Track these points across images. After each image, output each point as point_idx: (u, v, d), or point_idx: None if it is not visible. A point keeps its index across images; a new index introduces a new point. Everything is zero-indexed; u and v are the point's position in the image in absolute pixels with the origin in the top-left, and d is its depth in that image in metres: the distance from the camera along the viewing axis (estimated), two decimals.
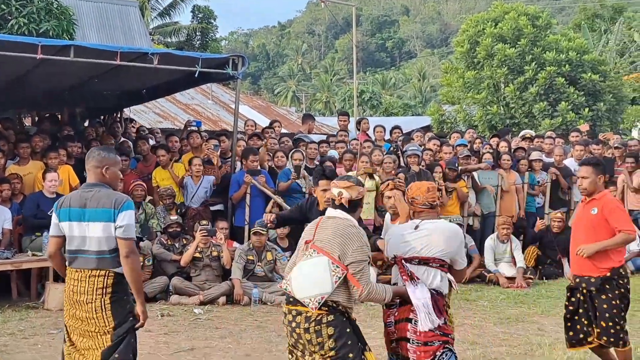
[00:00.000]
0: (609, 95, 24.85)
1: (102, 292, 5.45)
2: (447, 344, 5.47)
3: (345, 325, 5.28)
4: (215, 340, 8.85)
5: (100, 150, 5.75)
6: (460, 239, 5.65)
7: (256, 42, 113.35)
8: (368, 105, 55.68)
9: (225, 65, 12.16)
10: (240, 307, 10.77)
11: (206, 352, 8.34)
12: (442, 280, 5.55)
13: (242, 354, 8.21)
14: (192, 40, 39.59)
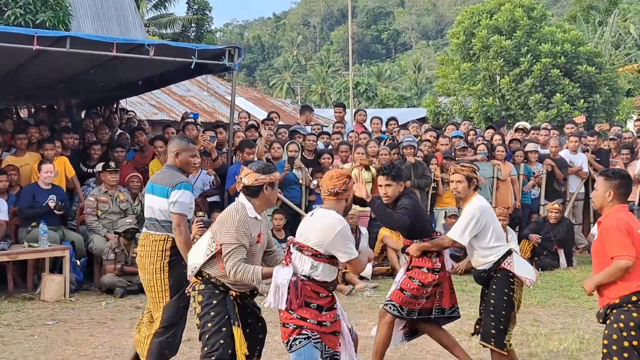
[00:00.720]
0: (605, 87, 24.85)
1: (162, 255, 6.58)
2: (302, 329, 5.58)
3: (214, 297, 5.76)
4: None
5: (177, 137, 6.90)
6: (336, 233, 5.58)
7: (251, 34, 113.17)
8: (364, 97, 55.65)
9: (221, 56, 12.14)
10: None
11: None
12: (316, 268, 5.63)
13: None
14: (187, 32, 39.50)
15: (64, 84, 14.82)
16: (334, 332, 5.76)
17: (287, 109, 31.26)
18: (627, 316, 5.60)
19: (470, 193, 6.89)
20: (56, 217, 11.58)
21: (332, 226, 5.61)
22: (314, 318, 5.63)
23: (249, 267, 5.63)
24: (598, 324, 8.97)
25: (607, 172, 6.11)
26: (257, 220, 5.89)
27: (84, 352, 7.97)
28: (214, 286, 5.79)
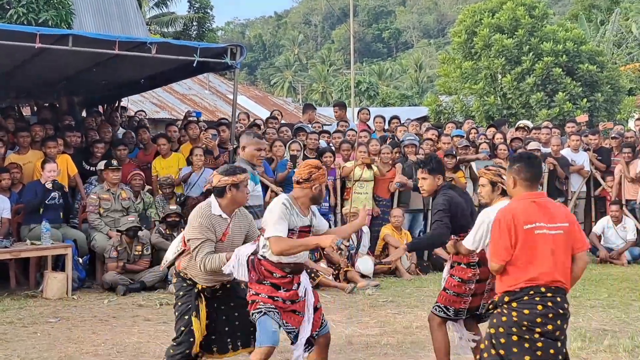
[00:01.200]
0: (607, 86, 24.87)
1: None
2: (256, 303, 5.95)
3: (182, 289, 6.38)
4: None
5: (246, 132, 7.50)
6: (270, 210, 5.99)
7: (252, 33, 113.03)
8: (365, 95, 55.67)
9: (223, 54, 12.14)
10: None
11: None
12: (267, 248, 5.95)
13: None
14: (188, 30, 39.52)
15: (66, 82, 14.83)
16: (293, 310, 6.02)
17: (288, 108, 31.26)
18: (498, 320, 5.37)
19: (495, 197, 6.54)
20: (59, 216, 11.59)
21: (273, 204, 6.05)
22: (266, 293, 5.96)
23: (215, 256, 6.08)
24: (600, 322, 9.03)
25: (511, 158, 6.02)
26: (222, 219, 6.24)
27: (86, 350, 7.97)
28: (183, 279, 6.38)
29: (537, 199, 5.44)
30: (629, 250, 13.84)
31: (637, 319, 9.40)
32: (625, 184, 14.48)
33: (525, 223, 5.27)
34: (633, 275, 12.59)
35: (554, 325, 5.20)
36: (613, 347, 7.98)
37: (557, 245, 5.29)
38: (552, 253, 5.26)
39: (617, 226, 13.97)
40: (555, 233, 5.30)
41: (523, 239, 5.26)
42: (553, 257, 5.26)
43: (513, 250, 5.28)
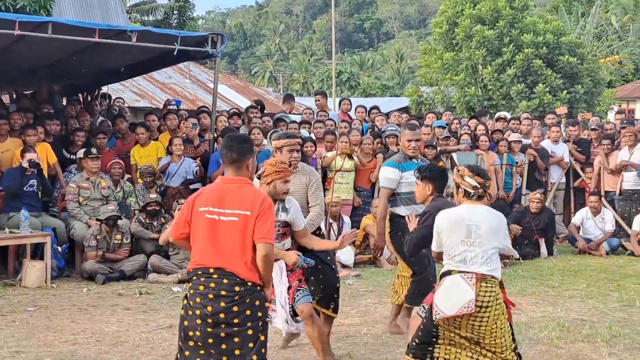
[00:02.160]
0: (586, 78, 24.96)
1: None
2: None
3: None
4: None
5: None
6: None
7: (233, 22, 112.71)
8: (346, 86, 55.66)
9: (203, 43, 12.10)
10: None
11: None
12: None
13: None
14: (169, 19, 39.26)
15: (46, 70, 14.73)
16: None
17: (269, 97, 31.23)
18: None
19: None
20: (38, 204, 11.53)
21: None
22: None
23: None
24: (578, 312, 9.10)
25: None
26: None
27: (65, 338, 7.94)
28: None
29: (227, 183, 5.31)
30: (607, 241, 13.90)
31: (614, 309, 9.46)
32: (605, 176, 14.55)
33: (201, 205, 5.22)
34: (611, 266, 12.67)
35: (213, 307, 5.06)
36: (591, 336, 8.04)
37: (230, 231, 5.15)
38: (221, 239, 5.15)
39: (596, 217, 14.04)
40: (229, 219, 5.15)
41: (195, 221, 5.23)
42: (221, 243, 5.15)
43: (184, 229, 5.25)
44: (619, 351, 7.57)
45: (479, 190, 5.87)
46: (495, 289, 5.62)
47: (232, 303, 5.04)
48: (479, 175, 5.90)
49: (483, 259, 5.64)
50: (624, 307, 9.59)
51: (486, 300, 5.55)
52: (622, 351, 7.58)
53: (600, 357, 7.41)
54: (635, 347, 7.71)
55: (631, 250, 13.62)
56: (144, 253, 11.43)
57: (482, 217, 5.78)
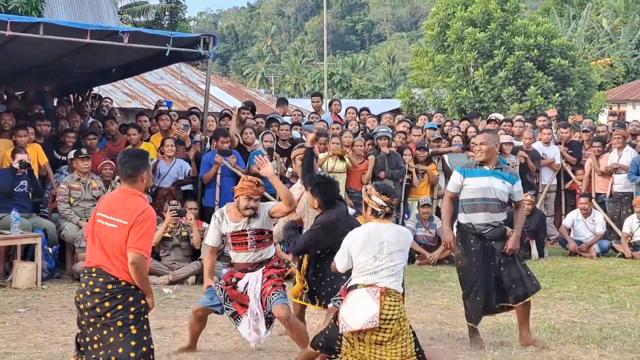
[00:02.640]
0: (578, 80, 25.04)
1: None
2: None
3: None
4: (185, 320, 8.78)
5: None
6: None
7: (225, 23, 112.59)
8: (338, 87, 55.65)
9: (195, 44, 12.10)
10: None
11: (175, 331, 8.35)
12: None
13: (212, 332, 8.20)
14: (160, 20, 39.24)
15: (37, 71, 14.70)
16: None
17: (261, 99, 31.23)
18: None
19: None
20: (29, 205, 11.49)
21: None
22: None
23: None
24: (569, 314, 9.12)
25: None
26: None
27: (55, 340, 7.92)
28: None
29: (121, 193, 5.77)
30: (597, 243, 13.94)
31: (605, 311, 9.49)
32: (595, 178, 14.59)
33: (97, 210, 5.76)
34: (601, 267, 12.70)
35: (91, 302, 5.53)
36: (582, 338, 8.06)
37: (109, 237, 5.57)
38: (104, 242, 5.59)
39: (587, 219, 14.08)
40: (110, 226, 5.57)
41: (92, 223, 5.73)
42: (103, 246, 5.59)
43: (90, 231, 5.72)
44: (609, 353, 7.59)
45: (385, 208, 6.10)
46: (399, 303, 5.89)
47: (104, 299, 5.51)
48: (386, 195, 6.12)
49: (391, 274, 5.89)
50: (614, 309, 9.62)
51: (390, 314, 5.80)
52: (612, 353, 7.60)
53: (590, 358, 7.43)
54: (625, 349, 7.73)
55: (622, 253, 13.66)
56: None
57: (392, 234, 6.03)
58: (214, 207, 12.23)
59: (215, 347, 7.73)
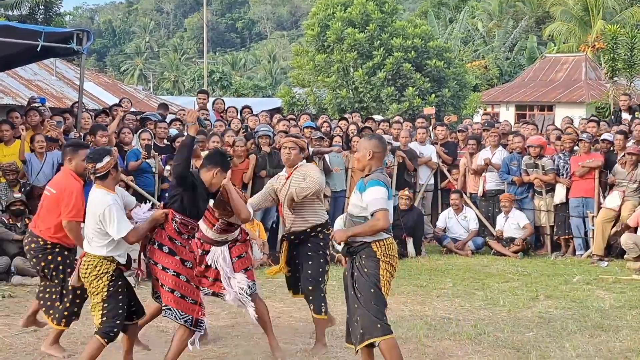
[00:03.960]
0: (453, 82, 25.61)
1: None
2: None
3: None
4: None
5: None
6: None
7: (102, 18, 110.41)
8: (218, 85, 55.23)
9: (69, 40, 11.80)
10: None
11: (50, 332, 8.10)
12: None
13: (87, 334, 8.00)
14: (35, 14, 38.14)
15: None
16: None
17: (139, 96, 30.73)
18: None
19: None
20: None
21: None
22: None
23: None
24: (445, 310, 9.30)
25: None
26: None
27: None
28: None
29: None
30: (472, 240, 14.27)
31: (479, 307, 9.72)
32: (469, 177, 14.95)
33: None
34: (476, 265, 13.01)
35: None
36: (457, 334, 8.23)
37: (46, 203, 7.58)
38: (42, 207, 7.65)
39: (458, 215, 14.38)
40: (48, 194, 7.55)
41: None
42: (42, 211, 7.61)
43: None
44: (483, 348, 7.78)
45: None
46: (94, 262, 6.62)
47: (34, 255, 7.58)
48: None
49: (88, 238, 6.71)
50: (488, 305, 9.86)
51: (85, 272, 6.65)
52: (486, 348, 7.79)
53: (465, 354, 7.59)
54: (499, 344, 7.94)
55: (496, 250, 14.01)
56: (7, 255, 11.00)
57: (91, 199, 6.77)
58: None
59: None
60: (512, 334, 8.32)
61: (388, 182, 6.51)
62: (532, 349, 7.77)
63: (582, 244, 13.84)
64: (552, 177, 14.03)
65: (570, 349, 7.76)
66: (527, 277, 11.83)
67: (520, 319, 9.11)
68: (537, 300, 10.15)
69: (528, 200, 14.41)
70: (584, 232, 13.79)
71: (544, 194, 14.22)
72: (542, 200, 14.27)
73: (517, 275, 12.05)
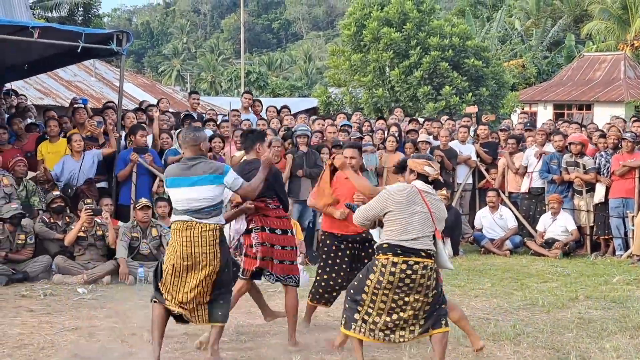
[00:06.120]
0: (491, 81, 25.50)
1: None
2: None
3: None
4: (100, 320, 8.70)
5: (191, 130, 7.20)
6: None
7: (140, 20, 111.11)
8: (255, 85, 55.41)
9: (109, 41, 11.91)
10: (125, 286, 10.62)
11: (91, 331, 8.20)
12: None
13: (128, 332, 8.09)
14: (74, 16, 38.56)
15: None
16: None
17: (177, 96, 30.91)
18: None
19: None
20: None
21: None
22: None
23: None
24: (483, 311, 9.26)
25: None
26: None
27: None
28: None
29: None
30: (510, 239, 14.18)
31: (518, 307, 9.67)
32: (508, 176, 14.85)
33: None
34: (515, 265, 12.94)
35: None
36: (496, 335, 8.19)
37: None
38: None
39: (494, 214, 14.27)
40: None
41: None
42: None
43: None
44: (522, 349, 7.74)
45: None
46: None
47: None
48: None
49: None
50: (527, 305, 9.80)
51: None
52: (525, 349, 7.74)
53: (504, 355, 7.55)
54: (538, 345, 7.89)
55: (534, 250, 13.91)
56: (49, 254, 11.15)
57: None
58: (129, 206, 12.07)
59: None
60: (552, 335, 8.26)
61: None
62: (572, 349, 7.70)
63: (622, 244, 13.71)
64: (592, 176, 13.90)
65: (610, 349, 7.69)
66: (566, 278, 11.74)
67: (560, 319, 9.04)
68: (576, 301, 10.07)
69: (568, 199, 14.29)
70: (623, 232, 13.66)
71: (584, 194, 14.10)
72: (582, 200, 14.15)
73: (556, 275, 11.97)
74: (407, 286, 6.42)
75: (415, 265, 6.40)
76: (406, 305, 6.49)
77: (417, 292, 6.46)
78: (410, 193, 6.59)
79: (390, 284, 6.42)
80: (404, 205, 6.53)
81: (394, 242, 6.47)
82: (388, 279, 6.41)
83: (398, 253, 6.42)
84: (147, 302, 9.44)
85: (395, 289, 6.44)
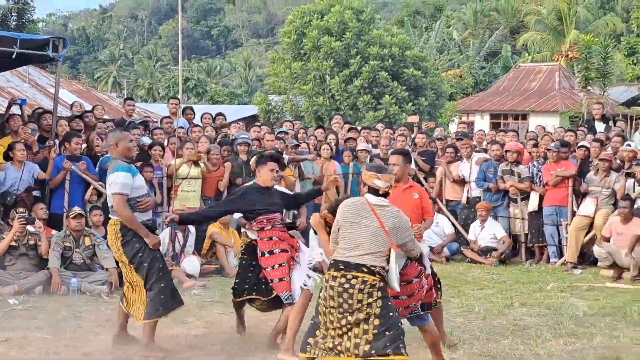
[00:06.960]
0: (430, 90, 25.74)
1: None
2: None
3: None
4: (32, 331, 8.50)
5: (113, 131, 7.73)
6: None
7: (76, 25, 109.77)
8: (193, 92, 55.12)
9: (44, 47, 11.69)
10: (58, 297, 10.38)
11: (22, 343, 8.02)
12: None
13: (61, 344, 7.93)
14: (7, 21, 37.79)
15: None
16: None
17: (113, 103, 30.58)
18: None
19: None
20: None
21: None
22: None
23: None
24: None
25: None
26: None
27: None
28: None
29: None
30: (447, 246, 14.26)
31: (455, 315, 9.73)
32: (446, 184, 14.94)
33: None
34: (452, 272, 13.01)
35: None
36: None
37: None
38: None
39: None
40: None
41: None
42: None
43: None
44: (459, 356, 7.79)
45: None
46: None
47: None
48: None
49: None
50: (463, 312, 9.87)
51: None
52: (462, 356, 7.80)
53: None
54: (474, 352, 7.94)
55: (470, 258, 14.01)
56: None
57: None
58: (62, 214, 11.82)
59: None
60: (487, 342, 8.34)
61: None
62: (507, 356, 7.79)
63: (556, 252, 13.89)
64: (527, 185, 14.07)
65: (544, 356, 7.78)
66: (502, 285, 11.85)
67: (495, 326, 9.12)
68: (511, 308, 10.17)
69: (503, 207, 14.44)
70: (557, 240, 13.85)
71: (519, 202, 14.25)
72: (517, 208, 14.31)
73: (492, 282, 12.07)
74: (346, 302, 6.23)
75: (353, 280, 6.23)
76: (350, 325, 6.26)
77: (358, 310, 6.22)
78: (359, 207, 6.45)
79: (332, 300, 6.27)
80: (350, 220, 6.40)
81: (340, 258, 6.37)
82: (329, 294, 6.29)
83: (340, 268, 6.32)
84: (80, 313, 9.32)
85: (338, 308, 6.26)
